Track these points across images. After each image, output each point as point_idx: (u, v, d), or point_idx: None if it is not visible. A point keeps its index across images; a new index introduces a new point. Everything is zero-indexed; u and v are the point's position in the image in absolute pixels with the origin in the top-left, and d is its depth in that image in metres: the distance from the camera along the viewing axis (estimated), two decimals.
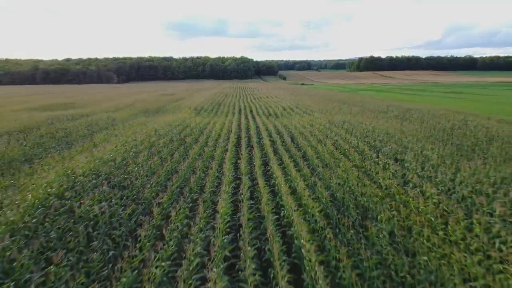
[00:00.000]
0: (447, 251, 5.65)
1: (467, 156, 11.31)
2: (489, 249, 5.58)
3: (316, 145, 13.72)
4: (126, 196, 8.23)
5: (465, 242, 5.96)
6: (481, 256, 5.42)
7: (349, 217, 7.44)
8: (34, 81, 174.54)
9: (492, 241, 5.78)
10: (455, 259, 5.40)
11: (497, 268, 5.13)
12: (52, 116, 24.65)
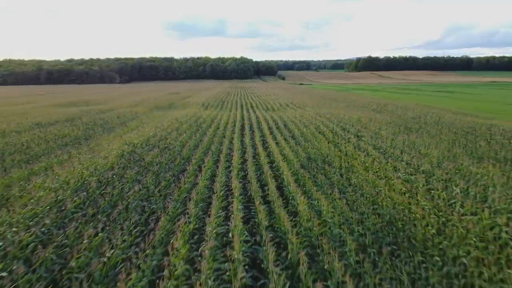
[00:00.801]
0: (369, 178, 9.89)
1: (408, 134, 15.67)
2: (393, 177, 9.81)
3: (302, 129, 18.08)
4: (171, 155, 12.54)
5: (378, 172, 10.27)
6: (385, 179, 9.71)
7: (317, 165, 11.75)
8: (38, 81, 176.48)
9: (396, 174, 10.06)
10: (371, 180, 9.64)
11: (392, 183, 9.35)
12: (82, 110, 28.95)
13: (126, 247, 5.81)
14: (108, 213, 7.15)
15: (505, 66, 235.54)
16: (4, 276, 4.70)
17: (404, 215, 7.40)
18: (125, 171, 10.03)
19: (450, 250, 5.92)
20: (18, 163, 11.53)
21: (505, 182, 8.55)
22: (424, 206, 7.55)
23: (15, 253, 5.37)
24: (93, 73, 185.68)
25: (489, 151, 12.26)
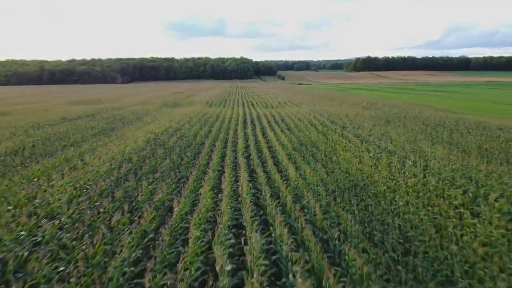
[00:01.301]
0: (346, 156, 12.56)
1: (387, 125, 18.40)
2: (364, 156, 12.48)
3: (297, 122, 20.81)
4: (187, 141, 15.26)
5: (355, 153, 12.98)
6: (359, 157, 12.42)
7: (306, 149, 14.47)
8: (40, 81, 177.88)
9: (368, 154, 12.75)
10: (348, 158, 12.31)
11: (363, 159, 12.04)
12: (97, 108, 31.68)
13: (169, 193, 8.54)
14: (151, 176, 9.86)
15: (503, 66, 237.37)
16: (98, 205, 7.45)
17: (367, 180, 10.10)
18: (154, 151, 12.77)
19: (391, 197, 8.63)
20: (64, 146, 14.27)
21: (445, 157, 11.28)
22: (383, 174, 10.27)
23: (100, 193, 8.11)
24: (95, 73, 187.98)
25: (447, 137, 15.00)
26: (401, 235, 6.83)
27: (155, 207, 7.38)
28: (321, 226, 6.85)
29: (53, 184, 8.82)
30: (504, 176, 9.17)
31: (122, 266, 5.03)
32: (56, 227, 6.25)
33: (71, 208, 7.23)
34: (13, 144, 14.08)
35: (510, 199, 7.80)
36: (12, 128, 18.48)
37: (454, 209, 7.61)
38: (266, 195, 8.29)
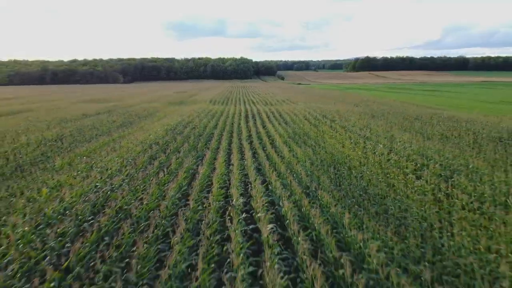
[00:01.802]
0: (331, 142, 15.31)
1: (370, 119, 21.18)
2: (346, 141, 15.23)
3: (293, 117, 23.59)
4: (198, 131, 18.02)
5: (339, 140, 15.75)
6: (342, 143, 15.18)
7: (299, 137, 17.24)
8: (43, 81, 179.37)
9: (349, 140, 15.50)
10: (332, 143, 15.06)
11: (344, 144, 14.79)
12: (110, 105, 34.44)
13: (193, 164, 11.33)
14: (176, 154, 12.63)
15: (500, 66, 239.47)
16: (143, 170, 10.23)
17: (345, 158, 12.86)
18: (174, 138, 15.57)
19: (361, 169, 11.38)
20: (97, 135, 17.04)
21: (409, 140, 14.07)
22: (358, 153, 13.05)
23: (141, 164, 10.89)
24: (97, 74, 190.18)
25: (418, 128, 17.80)
26: (362, 190, 9.58)
27: (185, 171, 10.14)
28: (304, 182, 9.63)
29: (102, 159, 11.60)
30: (447, 152, 11.95)
31: (172, 199, 7.80)
32: (119, 180, 9.03)
33: (124, 172, 10.00)
34: (54, 133, 16.85)
35: (444, 166, 10.59)
36: (45, 122, 21.24)
37: (404, 175, 10.37)
38: (266, 165, 11.08)
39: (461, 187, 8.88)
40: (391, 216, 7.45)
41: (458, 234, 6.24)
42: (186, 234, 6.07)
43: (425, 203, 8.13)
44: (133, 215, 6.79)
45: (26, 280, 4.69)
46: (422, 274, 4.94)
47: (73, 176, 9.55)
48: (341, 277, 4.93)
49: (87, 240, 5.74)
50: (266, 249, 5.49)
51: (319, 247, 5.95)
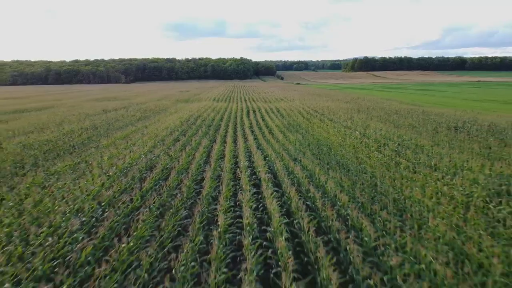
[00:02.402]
0: (319, 131, 18.63)
1: (355, 113, 24.56)
2: (331, 130, 18.55)
3: (289, 112, 26.98)
4: (208, 123, 21.37)
5: (325, 129, 19.10)
6: (327, 132, 18.53)
7: (292, 127, 20.61)
8: (46, 81, 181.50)
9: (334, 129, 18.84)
10: (320, 132, 18.39)
11: (330, 132, 18.13)
12: (123, 103, 37.78)
13: (208, 143, 14.69)
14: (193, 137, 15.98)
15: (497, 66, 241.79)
16: (169, 149, 13.62)
17: (328, 141, 16.20)
18: (189, 127, 18.94)
19: (338, 148, 14.72)
20: (123, 126, 20.39)
21: (381, 128, 17.45)
22: (338, 138, 16.40)
23: (168, 145, 14.26)
24: (99, 74, 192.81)
25: (393, 119, 21.16)
26: (335, 160, 12.91)
27: (204, 147, 13.51)
28: (293, 155, 12.99)
29: (136, 140, 14.95)
30: (406, 136, 15.34)
31: (199, 162, 11.17)
32: (158, 152, 12.39)
33: (158, 147, 13.35)
34: (88, 124, 20.22)
35: (400, 145, 13.97)
36: (73, 116, 24.59)
37: (369, 151, 13.72)
38: (264, 145, 14.45)
39: (406, 157, 12.23)
40: (351, 173, 10.80)
41: (391, 180, 9.57)
42: (212, 180, 9.42)
43: (377, 167, 11.47)
44: (175, 169, 10.13)
45: (127, 194, 8.06)
46: (358, 197, 8.25)
47: (120, 151, 12.91)
48: (310, 198, 8.27)
49: (150, 180, 9.09)
50: (263, 184, 8.85)
51: (298, 185, 9.31)
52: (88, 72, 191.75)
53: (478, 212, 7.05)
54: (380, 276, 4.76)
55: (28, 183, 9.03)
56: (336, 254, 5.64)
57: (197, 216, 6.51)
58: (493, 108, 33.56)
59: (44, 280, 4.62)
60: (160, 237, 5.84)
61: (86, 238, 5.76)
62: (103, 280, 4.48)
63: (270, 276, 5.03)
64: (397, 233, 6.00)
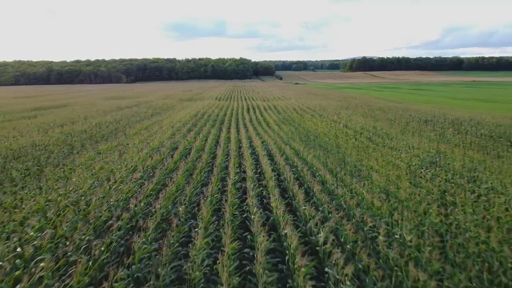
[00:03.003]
0: (310, 124, 21.75)
1: (343, 110, 27.72)
2: (320, 123, 21.70)
3: (284, 109, 30.15)
4: (213, 118, 24.53)
5: (315, 123, 22.26)
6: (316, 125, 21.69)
7: (287, 121, 23.76)
8: (48, 81, 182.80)
9: (322, 123, 21.99)
10: (310, 125, 21.51)
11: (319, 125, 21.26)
12: (132, 101, 40.90)
13: (216, 132, 17.86)
14: (203, 128, 19.12)
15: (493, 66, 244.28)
16: (186, 135, 16.82)
17: (315, 131, 19.34)
18: (198, 120, 22.09)
19: (323, 137, 17.86)
20: (140, 120, 23.52)
21: (361, 121, 20.62)
22: (324, 129, 19.56)
23: (184, 133, 17.44)
24: (101, 74, 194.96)
25: (375, 115, 24.32)
26: (319, 144, 16.04)
27: (213, 135, 16.66)
28: (284, 140, 16.14)
29: (156, 131, 18.08)
30: (379, 127, 18.50)
31: (211, 144, 14.32)
32: (178, 138, 15.54)
33: (176, 135, 16.49)
34: (110, 119, 23.33)
35: (372, 133, 17.13)
36: (93, 112, 27.70)
37: (347, 139, 16.85)
38: (262, 133, 17.62)
39: (375, 142, 15.39)
40: (328, 152, 13.95)
41: (356, 156, 12.69)
42: (222, 155, 12.54)
43: (350, 148, 14.63)
44: (194, 148, 13.26)
45: (161, 182, 11.19)
46: (328, 165, 11.35)
47: (146, 138, 16.05)
48: (294, 165, 11.39)
49: (177, 156, 12.23)
50: (261, 158, 11.99)
51: (286, 158, 12.46)
52: (90, 72, 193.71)
53: (409, 174, 10.19)
54: (332, 200, 7.92)
55: (85, 158, 12.17)
56: (307, 192, 8.78)
57: (215, 175, 9.64)
58: (472, 106, 36.74)
59: (125, 200, 7.74)
60: (192, 185, 8.94)
61: (146, 183, 8.91)
62: (164, 198, 7.60)
63: (264, 201, 8.20)
64: (348, 184, 9.13)
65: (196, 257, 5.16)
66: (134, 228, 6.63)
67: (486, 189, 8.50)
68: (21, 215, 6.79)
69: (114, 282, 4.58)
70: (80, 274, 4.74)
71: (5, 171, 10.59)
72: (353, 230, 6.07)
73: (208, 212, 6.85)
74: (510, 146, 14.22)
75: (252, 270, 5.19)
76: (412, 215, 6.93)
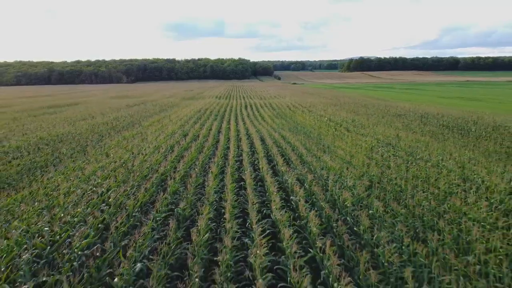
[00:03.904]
0: (300, 118, 24.90)
1: (330, 106, 30.90)
2: (310, 118, 24.83)
3: (279, 106, 33.34)
4: (215, 113, 27.68)
5: (305, 117, 25.44)
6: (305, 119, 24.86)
7: (280, 116, 26.94)
8: (49, 81, 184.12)
9: (311, 118, 25.16)
10: (300, 119, 24.67)
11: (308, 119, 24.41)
12: (139, 100, 44.03)
13: (218, 125, 21.04)
14: (207, 121, 22.26)
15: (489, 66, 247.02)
16: (194, 126, 20.01)
17: (304, 124, 22.49)
18: (202, 115, 25.24)
19: (309, 127, 21.03)
20: (150, 115, 26.64)
21: (345, 116, 23.81)
22: (312, 122, 22.74)
23: (191, 125, 20.63)
24: (102, 74, 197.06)
25: (358, 110, 27.49)
26: (304, 132, 19.16)
27: (216, 126, 19.81)
28: (276, 130, 19.30)
29: (166, 123, 21.22)
30: (357, 120, 21.68)
31: (215, 132, 17.50)
32: (188, 127, 18.70)
33: (185, 126, 19.63)
34: (124, 114, 26.44)
35: (349, 124, 20.31)
36: (106, 109, 30.80)
37: (328, 128, 20.00)
38: (257, 125, 20.80)
39: (350, 130, 18.56)
40: (309, 137, 17.11)
41: (331, 139, 15.83)
42: (225, 140, 15.68)
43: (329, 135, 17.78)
44: (201, 135, 16.40)
45: (179, 155, 14.34)
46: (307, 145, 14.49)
47: (159, 128, 19.18)
48: (281, 146, 14.54)
49: (188, 139, 15.37)
50: (254, 141, 15.15)
51: (276, 142, 15.62)
52: (91, 73, 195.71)
53: (367, 150, 13.36)
54: (303, 165, 11.09)
55: (115, 141, 15.31)
56: (286, 161, 11.94)
57: (219, 152, 12.79)
58: (454, 103, 39.96)
59: (157, 165, 10.88)
60: (202, 156, 12.07)
61: (169, 154, 12.08)
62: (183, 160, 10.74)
63: (255, 166, 11.39)
64: (318, 156, 12.29)
65: (210, 189, 8.32)
66: (166, 179, 9.75)
67: (417, 159, 11.67)
68: (86, 173, 9.94)
69: (161, 202, 7.70)
70: (141, 196, 7.93)
71: (56, 150, 13.73)
72: (312, 178, 9.25)
73: (216, 169, 10.03)
74: (458, 133, 17.44)
75: (245, 195, 8.38)
76: (357, 172, 10.11)
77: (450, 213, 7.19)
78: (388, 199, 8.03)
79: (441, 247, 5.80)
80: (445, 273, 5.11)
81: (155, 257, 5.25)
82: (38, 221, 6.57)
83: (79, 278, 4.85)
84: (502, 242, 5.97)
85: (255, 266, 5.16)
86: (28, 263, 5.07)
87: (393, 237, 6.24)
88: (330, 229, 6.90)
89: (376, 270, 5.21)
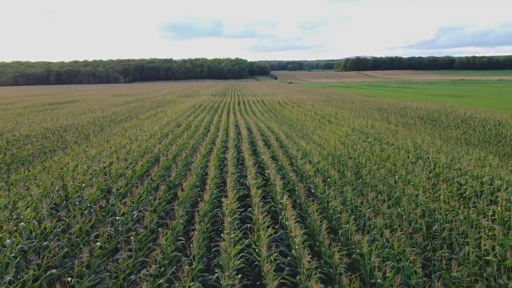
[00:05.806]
0: (290, 114, 26.41)
1: (320, 103, 32.48)
2: (300, 113, 26.36)
3: (271, 102, 34.90)
4: (209, 109, 29.18)
5: (294, 113, 26.97)
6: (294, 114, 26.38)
7: (271, 111, 28.46)
8: (47, 82, 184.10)
9: (301, 113, 26.67)
10: (291, 114, 26.17)
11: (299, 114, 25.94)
12: (138, 97, 45.46)
13: (211, 117, 22.55)
14: (201, 114, 23.78)
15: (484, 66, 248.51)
16: (188, 117, 21.53)
17: (292, 117, 24.04)
18: (196, 110, 26.76)
19: (296, 120, 22.57)
20: (147, 110, 28.11)
21: (330, 110, 25.39)
22: (301, 116, 24.30)
23: (185, 117, 22.15)
24: (99, 74, 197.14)
25: (344, 105, 29.06)
26: (289, 124, 20.68)
27: (208, 118, 21.31)
28: (263, 121, 20.83)
29: (163, 116, 22.70)
30: (340, 113, 23.26)
31: (207, 123, 19.01)
32: (182, 119, 20.21)
33: (180, 118, 21.13)
34: (122, 109, 27.90)
35: (333, 117, 21.87)
36: (105, 106, 32.23)
37: (313, 121, 21.56)
38: (248, 119, 22.33)
39: (332, 122, 20.12)
40: (293, 128, 18.66)
41: (312, 128, 17.36)
42: (215, 130, 17.19)
43: (311, 125, 19.32)
44: (193, 125, 17.90)
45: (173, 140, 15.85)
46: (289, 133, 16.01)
47: (155, 120, 20.66)
48: (265, 135, 16.07)
49: (181, 130, 16.87)
50: (241, 129, 16.68)
51: (260, 131, 17.15)
52: (88, 73, 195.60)
53: (341, 137, 14.90)
54: (281, 147, 12.62)
55: (114, 131, 16.79)
56: (266, 144, 13.47)
57: (208, 138, 14.30)
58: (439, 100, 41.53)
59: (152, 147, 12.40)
60: (193, 141, 13.56)
61: (164, 139, 13.59)
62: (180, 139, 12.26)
63: (239, 148, 12.95)
64: (296, 142, 13.82)
65: (196, 165, 9.86)
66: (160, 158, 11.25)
67: (383, 144, 13.24)
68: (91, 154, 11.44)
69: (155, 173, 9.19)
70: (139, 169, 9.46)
71: (61, 138, 15.21)
72: (284, 156, 10.80)
73: (204, 151, 11.57)
74: (430, 123, 19.05)
75: (226, 169, 9.95)
76: (325, 152, 11.66)
77: (399, 183, 8.75)
78: (344, 170, 9.58)
79: (377, 201, 7.36)
80: (376, 219, 6.65)
81: (149, 208, 6.77)
82: (52, 187, 8.05)
83: (89, 219, 6.34)
84: (429, 199, 7.53)
85: (227, 212, 6.69)
86: (48, 210, 6.58)
87: (342, 196, 7.79)
88: (293, 191, 8.45)
89: (324, 217, 6.76)
